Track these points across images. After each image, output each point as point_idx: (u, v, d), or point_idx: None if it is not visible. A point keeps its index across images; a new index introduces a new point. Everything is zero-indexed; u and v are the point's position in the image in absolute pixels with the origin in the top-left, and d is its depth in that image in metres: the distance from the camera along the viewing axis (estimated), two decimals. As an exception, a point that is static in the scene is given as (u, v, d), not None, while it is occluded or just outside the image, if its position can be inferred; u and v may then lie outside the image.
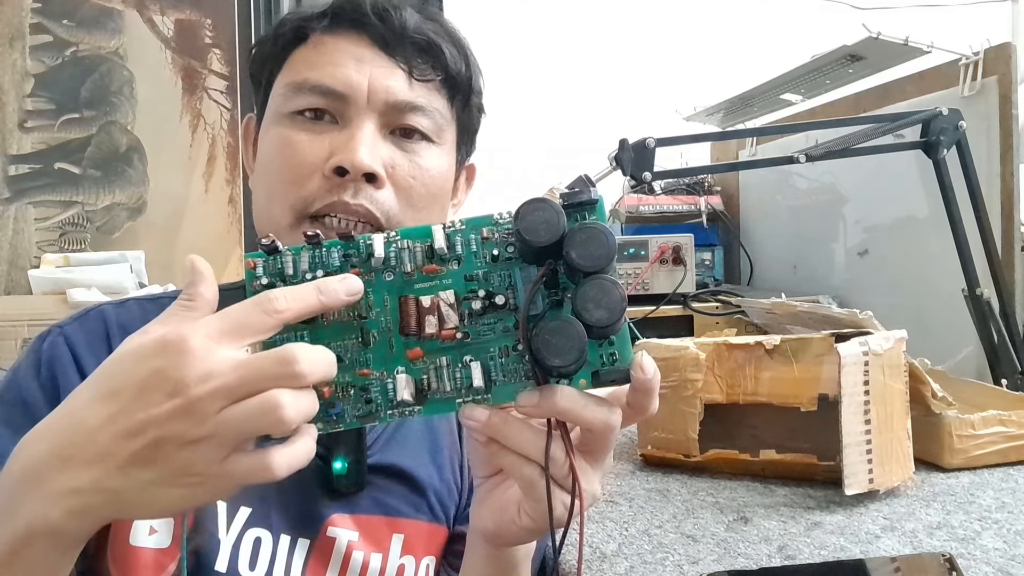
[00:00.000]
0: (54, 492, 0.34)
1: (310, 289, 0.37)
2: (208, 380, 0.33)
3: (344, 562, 0.56)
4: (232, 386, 0.33)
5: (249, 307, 0.36)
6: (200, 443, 0.33)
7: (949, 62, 1.24)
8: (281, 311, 0.36)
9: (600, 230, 0.36)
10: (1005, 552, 0.61)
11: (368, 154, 0.55)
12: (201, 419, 0.33)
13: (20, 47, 1.75)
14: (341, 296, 0.37)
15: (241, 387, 0.33)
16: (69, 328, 0.56)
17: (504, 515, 0.44)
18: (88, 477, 0.34)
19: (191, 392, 0.33)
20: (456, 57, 0.61)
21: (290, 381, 0.34)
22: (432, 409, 0.40)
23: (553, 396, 0.38)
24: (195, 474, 0.34)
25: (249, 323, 0.35)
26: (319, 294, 0.37)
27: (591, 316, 0.36)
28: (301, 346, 0.35)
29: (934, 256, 1.24)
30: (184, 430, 0.33)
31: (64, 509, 0.34)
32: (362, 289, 0.38)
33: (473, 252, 0.40)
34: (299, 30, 0.60)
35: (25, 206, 1.76)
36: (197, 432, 0.33)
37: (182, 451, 0.34)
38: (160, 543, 0.51)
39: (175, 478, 0.34)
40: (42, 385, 0.53)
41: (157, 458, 0.34)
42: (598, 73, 2.00)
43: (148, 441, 0.33)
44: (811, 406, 0.77)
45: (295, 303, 0.36)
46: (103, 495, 0.34)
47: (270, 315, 0.35)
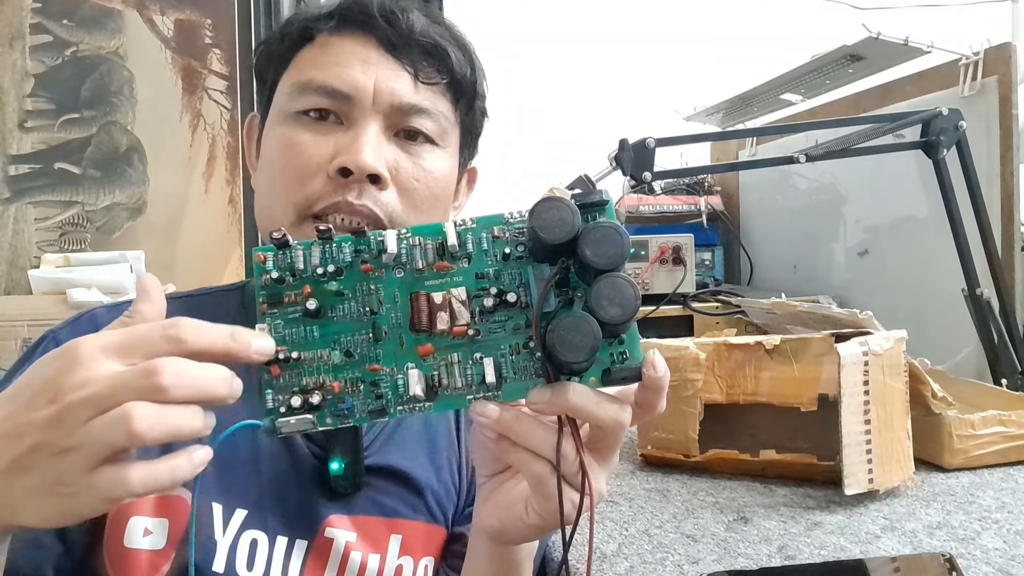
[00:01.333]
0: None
1: (223, 332, 0.36)
2: (81, 388, 0.33)
3: (342, 563, 0.56)
4: (99, 396, 0.33)
5: (153, 328, 0.35)
6: (69, 453, 0.33)
7: (949, 62, 1.24)
8: (183, 341, 0.35)
9: (614, 229, 0.37)
10: (1005, 552, 0.61)
11: (372, 155, 0.55)
12: (70, 428, 0.33)
13: (20, 47, 1.75)
14: (250, 350, 0.36)
15: (107, 398, 0.33)
16: (62, 334, 0.56)
17: (511, 512, 0.44)
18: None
19: (65, 399, 0.33)
20: (461, 61, 0.61)
21: (150, 394, 0.33)
22: (443, 405, 0.40)
23: (565, 393, 0.38)
24: (67, 484, 0.33)
25: (145, 344, 0.35)
26: (231, 340, 0.36)
27: (605, 313, 0.36)
28: (173, 360, 0.34)
29: (934, 256, 1.24)
30: (56, 438, 0.33)
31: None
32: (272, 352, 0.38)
33: (484, 250, 0.40)
34: (306, 30, 0.60)
35: (25, 206, 1.75)
36: (66, 441, 0.33)
37: (54, 460, 0.33)
38: (155, 544, 0.51)
39: (51, 487, 0.34)
40: None
41: (33, 464, 0.33)
42: (598, 73, 2.00)
43: (26, 446, 0.33)
44: (811, 406, 0.77)
45: (201, 339, 0.35)
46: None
47: (170, 342, 0.35)
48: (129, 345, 0.34)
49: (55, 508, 0.34)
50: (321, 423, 0.39)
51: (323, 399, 0.39)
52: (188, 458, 0.35)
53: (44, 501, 0.34)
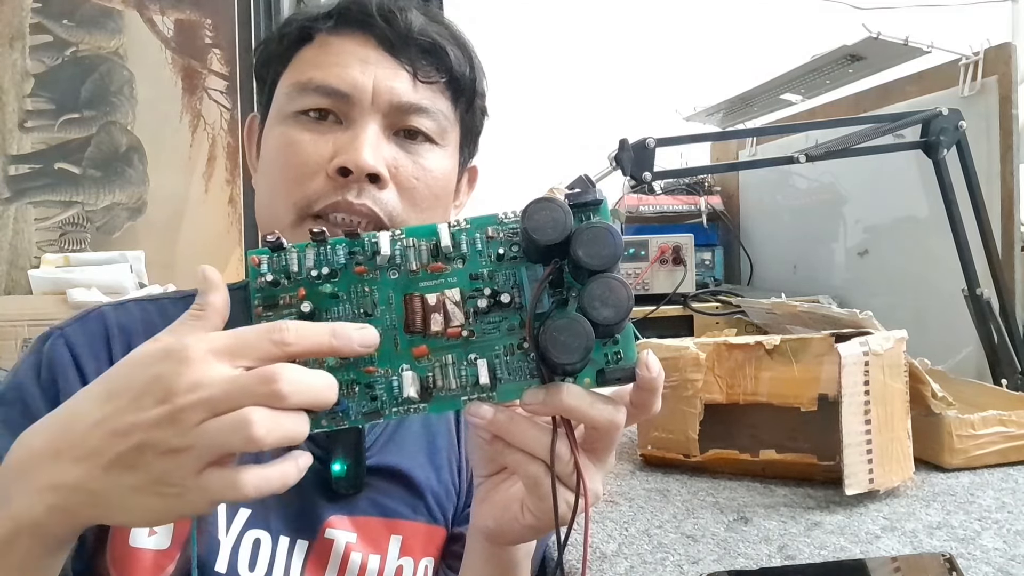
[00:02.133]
0: (39, 486, 0.35)
1: (324, 331, 0.36)
2: (195, 391, 0.33)
3: (342, 563, 0.56)
4: (215, 399, 0.33)
5: (260, 332, 0.36)
6: (179, 453, 0.33)
7: (949, 62, 1.24)
8: (289, 344, 0.35)
9: (607, 229, 0.37)
10: (1005, 552, 0.61)
11: (372, 155, 0.55)
12: (183, 429, 0.33)
13: (20, 47, 1.75)
14: (354, 345, 0.37)
15: (223, 401, 0.33)
16: (69, 330, 0.56)
17: (506, 513, 0.44)
18: (73, 474, 0.34)
19: (178, 401, 0.33)
20: (461, 59, 0.61)
21: (269, 400, 0.34)
22: (438, 407, 0.40)
23: (560, 394, 0.38)
24: (172, 484, 0.34)
25: (254, 348, 0.35)
26: (332, 338, 0.36)
27: (598, 314, 0.36)
28: (289, 367, 0.35)
29: (934, 256, 1.24)
30: (166, 438, 0.33)
31: (47, 504, 0.34)
32: (377, 342, 0.38)
33: (478, 251, 0.40)
34: (304, 30, 0.60)
35: (25, 206, 1.76)
36: (177, 442, 0.33)
37: (162, 459, 0.33)
38: (159, 544, 0.51)
39: (153, 486, 0.34)
40: (42, 387, 0.52)
41: (139, 463, 0.34)
42: (598, 73, 2.00)
43: (132, 445, 0.34)
44: (811, 406, 0.77)
45: (305, 341, 0.36)
46: (84, 495, 0.34)
47: (277, 346, 0.35)
48: (239, 349, 0.35)
49: (154, 507, 0.35)
50: (316, 426, 0.38)
51: None
52: (295, 463, 0.36)
53: (143, 500, 0.34)
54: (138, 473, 0.34)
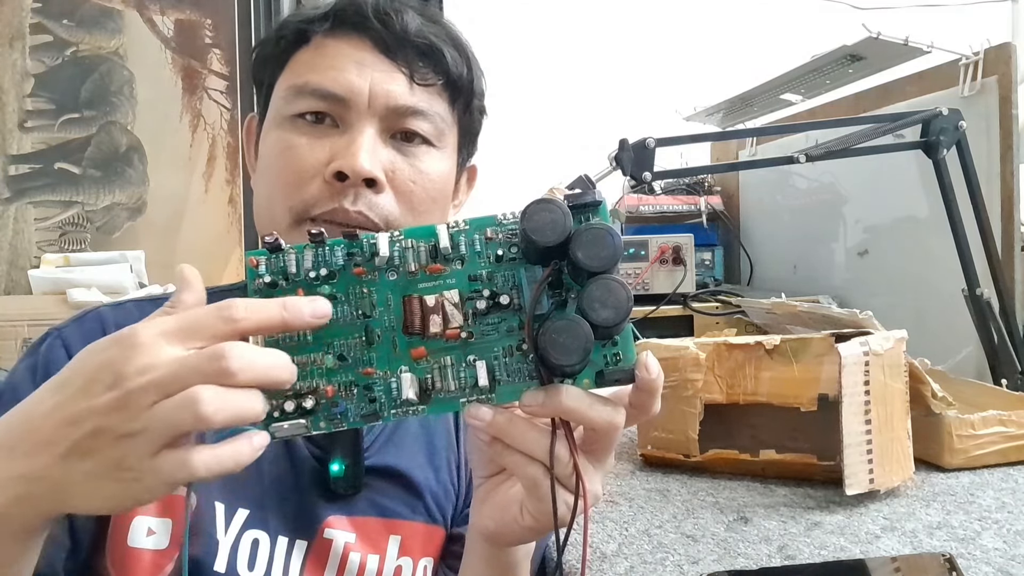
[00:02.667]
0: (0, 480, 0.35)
1: (274, 304, 0.36)
2: (144, 373, 0.33)
3: (341, 564, 0.56)
4: (164, 380, 0.33)
5: (209, 311, 0.35)
6: (133, 437, 0.33)
7: (949, 62, 1.24)
8: (238, 320, 0.35)
9: (606, 230, 0.36)
10: (1005, 552, 0.61)
11: (368, 159, 0.55)
12: (134, 412, 0.33)
13: (20, 47, 1.75)
14: (305, 316, 0.37)
15: (173, 382, 0.33)
16: (67, 331, 0.56)
17: (506, 514, 0.44)
18: (30, 465, 0.34)
19: (127, 384, 0.33)
20: (458, 61, 0.61)
21: (217, 377, 0.33)
22: (436, 408, 0.40)
23: (559, 395, 0.38)
24: (128, 468, 0.34)
25: (204, 327, 0.35)
26: (283, 310, 0.36)
27: (598, 316, 0.36)
28: (238, 344, 0.34)
29: (934, 256, 1.24)
30: (119, 422, 0.33)
31: (9, 496, 0.35)
32: (329, 313, 0.38)
33: (477, 252, 0.40)
34: (300, 32, 0.60)
35: (25, 206, 1.76)
36: (130, 426, 0.33)
37: (117, 444, 0.33)
38: (158, 544, 0.51)
39: (111, 472, 0.34)
40: (37, 388, 0.53)
41: (94, 449, 0.34)
42: (598, 73, 2.00)
43: (87, 431, 0.34)
44: (811, 406, 0.77)
45: (255, 315, 0.35)
46: (44, 483, 0.34)
47: (227, 323, 0.35)
48: (187, 329, 0.35)
49: (113, 493, 0.34)
50: (315, 427, 0.38)
51: (317, 403, 0.38)
52: (249, 442, 0.36)
53: (102, 486, 0.34)
54: (95, 459, 0.34)
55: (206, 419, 0.33)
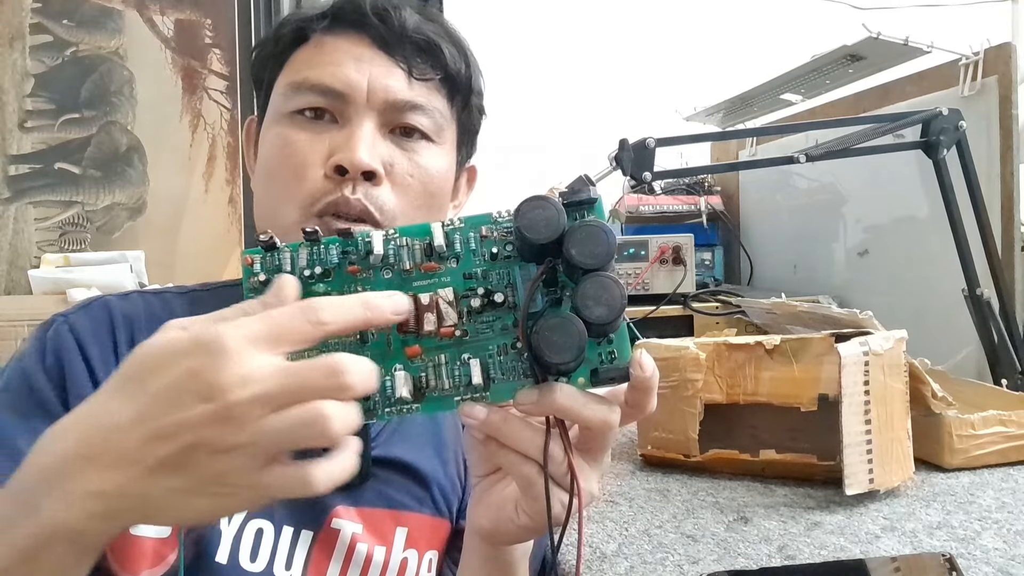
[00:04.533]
0: (77, 493, 0.32)
1: (356, 303, 0.35)
2: (246, 385, 0.31)
3: (347, 554, 0.56)
4: (274, 393, 0.32)
5: (294, 313, 0.34)
6: (235, 451, 0.32)
7: (949, 62, 1.24)
8: (325, 323, 0.34)
9: (600, 228, 0.36)
10: (1005, 552, 0.61)
11: (367, 153, 0.55)
12: (238, 426, 0.31)
13: (20, 47, 1.75)
14: (387, 314, 0.36)
15: (284, 395, 0.32)
16: (73, 317, 0.56)
17: (501, 514, 0.44)
18: (113, 480, 0.32)
19: (228, 397, 0.31)
20: (456, 57, 0.61)
21: (337, 393, 0.32)
22: (430, 407, 0.39)
23: (552, 394, 0.38)
24: (227, 484, 0.32)
25: (291, 330, 0.33)
26: (365, 309, 0.35)
27: (591, 313, 0.36)
28: (349, 356, 0.33)
29: (934, 256, 1.24)
30: (219, 437, 0.31)
31: (86, 512, 0.32)
32: (409, 307, 0.37)
33: (472, 250, 0.40)
34: (299, 31, 0.60)
35: (25, 206, 1.76)
36: (233, 440, 0.32)
37: (215, 459, 0.32)
38: (160, 532, 0.50)
39: (205, 487, 0.32)
40: (48, 373, 0.52)
41: (188, 465, 0.32)
42: (598, 73, 2.00)
43: (179, 446, 0.32)
44: (811, 406, 0.77)
45: (340, 316, 0.34)
46: (128, 500, 0.32)
47: (314, 326, 0.34)
48: (276, 334, 0.33)
49: (204, 507, 0.33)
50: None
51: None
52: (352, 452, 0.35)
53: (193, 501, 0.33)
54: (188, 474, 0.32)
55: (333, 436, 0.32)
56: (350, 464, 0.35)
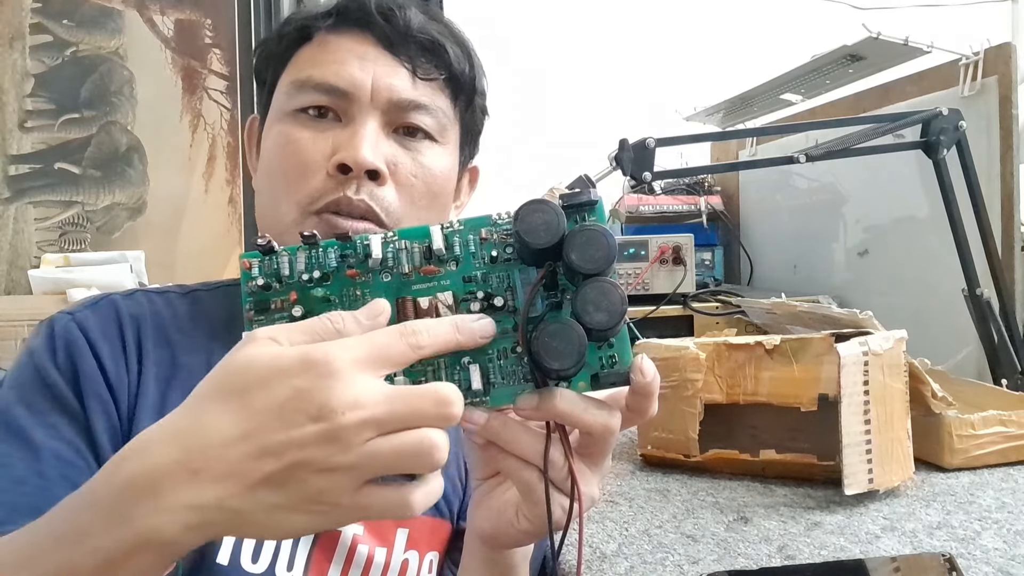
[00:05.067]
0: (174, 505, 0.32)
1: (449, 328, 0.36)
2: (356, 408, 0.32)
3: (348, 556, 0.56)
4: (383, 419, 0.32)
5: (395, 336, 0.35)
6: (338, 472, 0.32)
7: (949, 62, 1.24)
8: (423, 347, 0.35)
9: (600, 232, 0.36)
10: (1005, 552, 0.61)
11: (371, 151, 0.55)
12: (345, 447, 0.32)
13: (20, 47, 1.75)
14: (476, 337, 0.37)
15: (392, 421, 0.33)
16: (81, 315, 0.56)
17: (502, 518, 0.44)
18: (213, 494, 0.32)
19: (338, 419, 0.32)
20: (460, 57, 0.61)
21: (443, 422, 0.33)
22: None
23: (552, 399, 0.38)
24: (326, 502, 0.33)
25: (392, 353, 0.34)
26: (456, 332, 0.36)
27: (591, 319, 0.36)
28: (452, 387, 0.34)
29: (934, 256, 1.23)
30: (325, 457, 0.32)
31: (182, 524, 0.32)
32: (494, 331, 0.38)
33: (471, 253, 0.39)
34: (303, 29, 0.61)
35: (25, 206, 1.76)
36: (338, 460, 0.32)
37: (317, 478, 0.32)
38: None
39: (304, 504, 0.33)
40: (60, 369, 0.52)
41: (290, 482, 0.32)
42: (598, 73, 2.00)
43: (284, 464, 0.32)
44: (811, 406, 0.77)
45: (435, 340, 0.36)
46: (225, 514, 0.32)
47: (413, 350, 0.35)
48: (380, 357, 0.34)
49: (299, 524, 0.33)
50: None
51: None
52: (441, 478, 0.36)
53: (290, 517, 0.33)
54: (288, 491, 0.32)
55: (438, 465, 0.33)
56: (440, 487, 0.36)
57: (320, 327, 0.35)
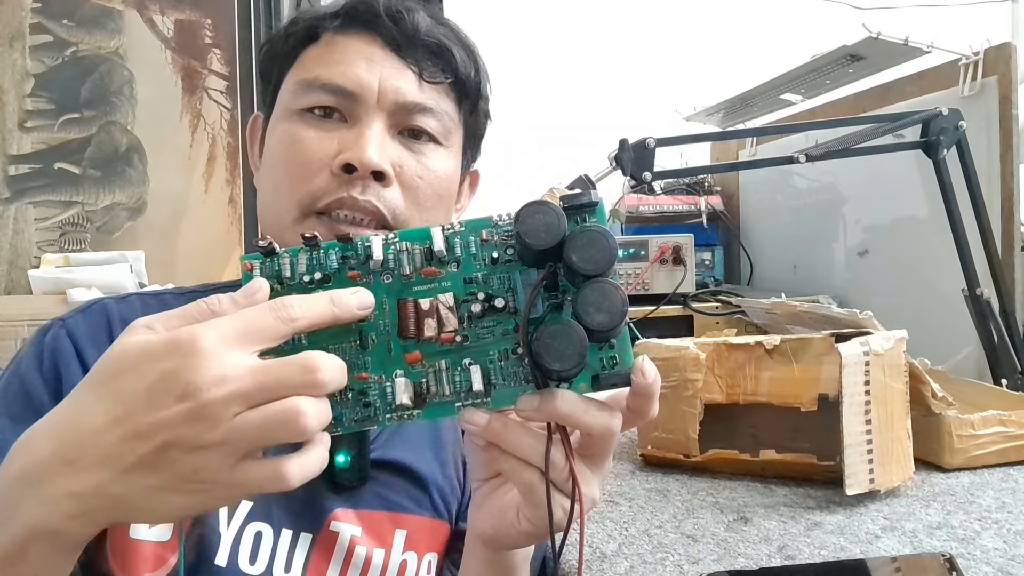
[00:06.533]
0: (54, 495, 0.33)
1: (323, 299, 0.36)
2: (222, 384, 0.32)
3: (347, 557, 0.56)
4: (249, 391, 0.32)
5: (264, 311, 0.35)
6: (210, 449, 0.32)
7: (949, 62, 1.24)
8: (295, 319, 0.35)
9: (601, 233, 0.36)
10: (1005, 552, 0.61)
11: (376, 152, 0.55)
12: (213, 424, 0.32)
13: (20, 47, 1.75)
14: (353, 309, 0.37)
15: (259, 392, 0.33)
16: (71, 321, 0.56)
17: (503, 519, 0.44)
18: (90, 481, 0.33)
19: (203, 396, 0.32)
20: (466, 61, 0.61)
21: (311, 390, 0.33)
22: (431, 413, 0.39)
23: (553, 400, 0.38)
24: (202, 481, 0.33)
25: (263, 328, 0.34)
26: (332, 305, 0.36)
27: (592, 320, 0.36)
28: (321, 354, 0.34)
29: (934, 256, 1.24)
30: (194, 435, 0.32)
31: (64, 513, 0.33)
32: (373, 303, 0.38)
33: (472, 254, 0.39)
34: (311, 29, 0.61)
35: (25, 206, 1.75)
36: (208, 437, 0.32)
37: (190, 456, 0.32)
38: (160, 536, 0.51)
39: (181, 484, 0.33)
40: (45, 377, 0.52)
41: (163, 463, 0.33)
42: (598, 73, 2.00)
43: (155, 446, 0.32)
44: (811, 406, 0.77)
45: (309, 312, 0.35)
46: (105, 500, 0.33)
47: (284, 323, 0.35)
48: (248, 332, 0.34)
49: (180, 504, 0.34)
50: None
51: None
52: (323, 447, 0.36)
53: (169, 498, 0.33)
54: (162, 473, 0.33)
55: (308, 432, 0.33)
56: (321, 458, 0.36)
57: (195, 311, 0.36)
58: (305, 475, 0.35)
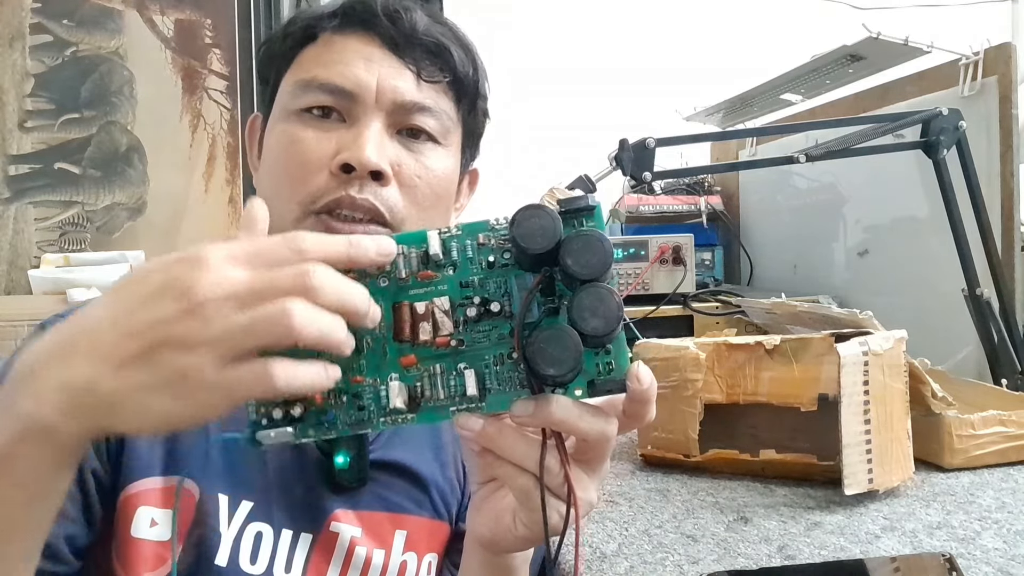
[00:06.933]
0: (46, 387, 0.34)
1: (340, 239, 0.36)
2: (217, 287, 0.32)
3: (347, 557, 0.56)
4: (241, 293, 0.33)
5: (276, 240, 0.35)
6: (201, 348, 0.32)
7: (949, 62, 1.24)
8: (305, 251, 0.35)
9: (597, 237, 0.36)
10: (1005, 552, 0.61)
11: (375, 152, 0.55)
12: (206, 322, 0.32)
13: (20, 47, 1.75)
14: (370, 253, 0.36)
15: (252, 294, 0.33)
16: None
17: (500, 523, 0.44)
18: (81, 373, 0.33)
19: (198, 296, 0.32)
20: (464, 60, 0.61)
21: (302, 293, 0.33)
22: (425, 417, 0.39)
23: (548, 406, 0.37)
24: (191, 380, 0.33)
25: (271, 252, 0.34)
26: (349, 246, 0.36)
27: (587, 325, 0.35)
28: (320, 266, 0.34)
29: (934, 256, 1.24)
30: (187, 333, 0.32)
31: (54, 405, 0.34)
32: (395, 252, 0.38)
33: (469, 258, 0.39)
34: (309, 29, 0.61)
35: (25, 206, 1.75)
36: (199, 335, 0.32)
37: (180, 354, 0.32)
38: (161, 535, 0.51)
39: (170, 385, 0.33)
40: None
41: (154, 360, 0.33)
42: (598, 73, 2.00)
43: (147, 343, 0.33)
44: (811, 406, 0.77)
45: (322, 247, 0.35)
46: (95, 397, 0.33)
47: (293, 252, 0.34)
48: (255, 254, 0.34)
49: (169, 408, 0.33)
50: (303, 435, 0.38)
51: (305, 411, 0.38)
52: (325, 370, 0.35)
53: (158, 400, 0.33)
54: (153, 370, 0.33)
55: (298, 331, 0.32)
56: (316, 374, 0.35)
57: None
58: (290, 380, 0.34)
